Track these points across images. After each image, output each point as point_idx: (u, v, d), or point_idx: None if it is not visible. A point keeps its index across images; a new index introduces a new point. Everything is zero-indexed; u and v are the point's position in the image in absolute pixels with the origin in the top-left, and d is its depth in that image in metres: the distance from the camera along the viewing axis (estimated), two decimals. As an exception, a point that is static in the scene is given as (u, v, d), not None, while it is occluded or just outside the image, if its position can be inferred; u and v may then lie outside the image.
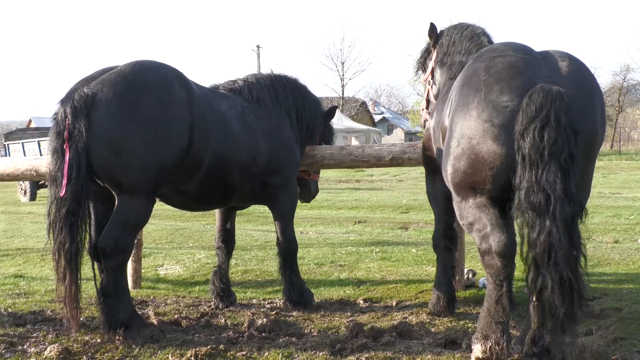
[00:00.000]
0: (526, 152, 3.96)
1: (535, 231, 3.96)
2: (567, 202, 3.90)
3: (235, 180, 5.91)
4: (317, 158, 7.07)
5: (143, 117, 5.01)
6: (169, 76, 5.31)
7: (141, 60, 5.31)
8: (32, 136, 27.22)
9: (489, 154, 4.20)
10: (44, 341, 5.16)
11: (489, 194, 4.35)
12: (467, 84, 4.43)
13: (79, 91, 4.94)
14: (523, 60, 4.31)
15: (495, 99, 4.18)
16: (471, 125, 4.27)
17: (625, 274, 7.55)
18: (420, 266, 8.33)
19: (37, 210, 18.08)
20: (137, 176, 5.06)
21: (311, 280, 7.59)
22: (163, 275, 7.99)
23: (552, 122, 3.92)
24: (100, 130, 4.91)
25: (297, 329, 5.48)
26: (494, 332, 4.35)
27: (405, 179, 28.22)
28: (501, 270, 4.34)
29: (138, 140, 4.99)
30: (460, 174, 4.42)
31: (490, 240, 4.35)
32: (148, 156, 5.05)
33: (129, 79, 5.07)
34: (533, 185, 3.94)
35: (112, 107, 4.94)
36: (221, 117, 5.73)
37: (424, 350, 4.80)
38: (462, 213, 4.58)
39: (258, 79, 6.51)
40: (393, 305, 6.35)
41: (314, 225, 13.56)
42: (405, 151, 6.95)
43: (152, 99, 5.07)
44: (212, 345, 4.92)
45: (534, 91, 4.02)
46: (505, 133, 4.11)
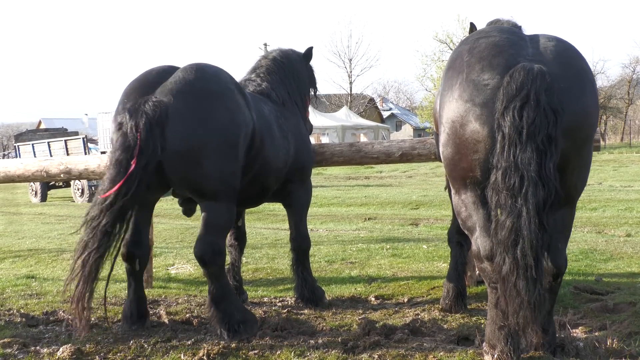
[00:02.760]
0: (506, 131, 3.87)
1: (505, 212, 3.88)
2: (541, 185, 3.80)
3: (272, 182, 5.99)
4: (326, 155, 7.06)
5: (216, 127, 5.01)
6: (229, 82, 5.33)
7: (201, 65, 5.26)
8: (42, 137, 27.35)
9: (472, 135, 4.08)
10: (56, 341, 5.17)
11: (479, 184, 4.19)
12: (452, 67, 4.35)
13: (150, 102, 4.83)
14: (506, 40, 4.21)
15: (476, 77, 4.07)
16: (454, 107, 4.16)
17: (638, 267, 7.50)
18: (432, 262, 8.30)
19: (48, 211, 18.17)
20: (217, 183, 5.10)
21: (322, 277, 7.58)
22: (174, 275, 7.99)
23: (531, 101, 3.84)
24: (178, 145, 4.88)
25: (309, 327, 5.47)
26: (499, 341, 4.28)
27: (414, 175, 28.18)
28: (492, 274, 4.23)
29: (214, 149, 5.00)
30: (449, 161, 4.32)
31: (479, 243, 4.27)
32: (225, 163, 5.09)
33: (197, 88, 5.03)
34: (510, 165, 3.85)
35: (187, 119, 4.91)
36: (267, 122, 5.76)
37: (437, 347, 4.78)
38: (457, 208, 4.50)
39: (272, 75, 6.50)
40: (405, 302, 6.34)
41: (324, 223, 13.55)
42: (415, 147, 6.93)
43: (221, 107, 5.08)
44: (224, 343, 4.92)
45: (515, 70, 3.93)
46: (486, 112, 4.00)
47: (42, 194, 23.16)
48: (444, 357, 4.54)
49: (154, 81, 5.10)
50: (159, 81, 5.08)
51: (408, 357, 4.57)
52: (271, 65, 6.58)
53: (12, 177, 7.37)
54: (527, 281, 3.81)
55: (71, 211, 18.28)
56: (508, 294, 3.92)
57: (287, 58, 6.70)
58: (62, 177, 7.28)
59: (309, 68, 7.01)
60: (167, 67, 5.28)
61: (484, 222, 4.25)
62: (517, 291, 3.85)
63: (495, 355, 4.26)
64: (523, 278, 3.82)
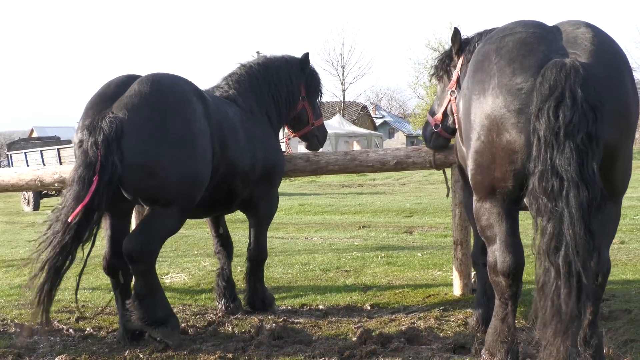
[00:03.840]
0: (541, 133, 3.65)
1: (545, 218, 3.66)
2: (584, 186, 3.57)
3: (239, 186, 6.00)
4: (321, 164, 7.07)
5: (172, 138, 5.06)
6: (187, 91, 5.36)
7: (157, 76, 5.29)
8: (34, 146, 27.21)
9: (508, 145, 3.88)
10: (51, 352, 5.15)
11: (509, 195, 4.04)
12: (480, 69, 4.11)
13: (107, 119, 4.88)
14: (534, 35, 3.99)
15: (509, 82, 3.86)
16: (489, 113, 3.94)
17: (633, 275, 7.52)
18: (427, 270, 8.30)
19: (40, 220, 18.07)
20: (173, 193, 5.16)
21: (317, 286, 7.57)
22: (169, 284, 7.97)
23: (567, 99, 3.62)
24: (134, 159, 4.92)
25: (305, 335, 5.46)
26: (499, 352, 4.26)
27: (408, 183, 28.20)
28: (505, 289, 4.18)
29: (170, 160, 5.06)
30: (483, 169, 4.08)
31: (497, 256, 4.16)
32: (181, 173, 5.13)
33: (152, 102, 5.06)
34: (547, 169, 3.64)
35: (143, 134, 4.96)
36: (231, 124, 5.82)
37: (433, 356, 4.78)
38: (478, 214, 4.30)
39: (240, 84, 6.51)
40: (400, 311, 6.33)
41: (318, 231, 13.54)
42: (410, 155, 6.95)
43: (177, 118, 5.12)
44: (221, 353, 4.91)
45: (547, 68, 3.72)
46: (523, 119, 3.80)
47: (35, 203, 23.07)
48: (440, 366, 4.54)
49: (112, 95, 5.14)
50: (117, 94, 5.12)
51: (405, 366, 4.57)
52: (243, 74, 6.59)
53: (6, 186, 7.36)
54: (569, 290, 3.57)
55: (64, 220, 18.19)
56: (543, 304, 3.68)
57: (266, 67, 6.68)
58: (57, 187, 7.27)
59: (308, 74, 6.96)
60: (125, 79, 5.30)
61: (506, 236, 4.14)
62: (559, 302, 3.60)
63: None
64: (566, 287, 3.57)
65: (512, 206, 4.14)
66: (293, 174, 7.30)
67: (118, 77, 5.37)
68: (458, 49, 5.89)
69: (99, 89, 5.29)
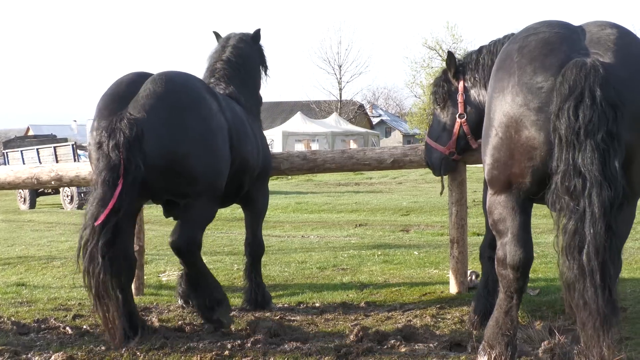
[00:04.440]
0: (562, 133, 3.66)
1: (567, 217, 3.68)
2: (607, 185, 3.57)
3: (246, 180, 6.14)
4: (318, 162, 7.09)
5: (192, 137, 5.14)
6: (200, 89, 5.43)
7: (169, 75, 5.31)
8: (30, 144, 27.18)
9: (527, 142, 3.90)
10: (48, 349, 5.14)
11: (525, 191, 4.07)
12: (502, 68, 4.14)
13: (125, 121, 4.88)
14: (557, 35, 3.99)
15: (529, 80, 3.88)
16: (508, 111, 3.96)
17: (628, 273, 7.55)
18: (423, 269, 8.32)
19: (37, 218, 18.07)
20: (201, 186, 5.30)
21: (314, 284, 7.59)
22: (165, 282, 7.98)
23: (586, 99, 3.62)
24: (157, 161, 4.98)
25: (301, 333, 5.47)
26: (499, 344, 4.28)
27: (404, 182, 28.22)
28: (512, 283, 4.21)
29: (193, 158, 5.16)
30: (501, 165, 4.10)
31: (507, 249, 4.18)
32: (205, 168, 5.25)
33: (167, 103, 5.10)
34: (569, 169, 3.64)
35: (163, 136, 5.02)
36: (240, 120, 5.93)
37: (430, 353, 4.80)
38: (491, 207, 4.31)
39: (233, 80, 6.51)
40: (397, 308, 6.34)
41: (315, 229, 13.55)
42: (407, 154, 6.97)
43: (195, 117, 5.18)
44: (217, 351, 4.91)
45: (567, 68, 3.72)
46: (542, 117, 3.81)
47: (31, 201, 23.03)
48: (436, 363, 4.55)
49: (125, 95, 5.13)
50: (131, 94, 5.12)
51: (401, 364, 4.58)
52: (228, 69, 6.57)
53: (3, 184, 7.36)
54: (595, 289, 3.59)
55: (60, 218, 18.20)
56: (575, 303, 3.71)
57: (242, 57, 6.67)
58: (53, 185, 7.28)
59: (259, 49, 6.96)
60: (135, 77, 5.30)
61: (518, 231, 4.16)
62: (585, 300, 3.63)
63: (493, 355, 4.27)
64: (591, 285, 3.60)
65: (526, 201, 4.17)
66: (290, 172, 7.31)
67: (127, 76, 5.37)
68: (455, 72, 5.92)
69: (110, 89, 5.28)
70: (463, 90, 5.84)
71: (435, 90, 6.14)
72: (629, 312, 5.76)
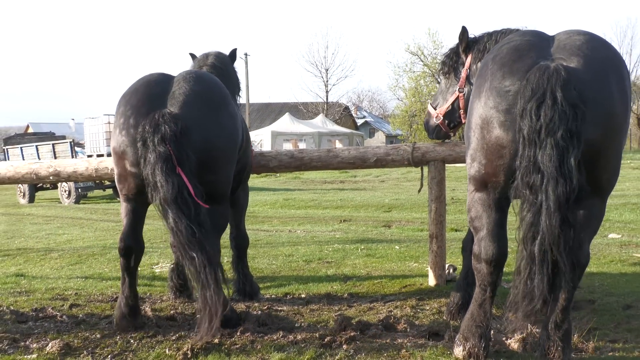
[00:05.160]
0: (525, 131, 3.77)
1: (526, 209, 3.80)
2: (562, 180, 3.67)
3: (240, 178, 6.21)
4: (305, 160, 7.09)
5: (226, 133, 5.13)
6: (223, 88, 5.40)
7: (199, 75, 5.26)
8: (30, 141, 27.01)
9: (497, 141, 4.00)
10: (45, 337, 5.12)
11: (499, 189, 4.13)
12: (479, 75, 4.27)
13: (167, 115, 4.77)
14: (527, 43, 4.09)
15: (498, 84, 3.99)
16: (481, 114, 4.08)
17: (596, 268, 7.60)
18: (404, 262, 8.34)
19: (36, 212, 17.96)
20: (225, 188, 5.25)
21: (300, 276, 7.59)
22: (158, 273, 7.95)
23: (548, 99, 3.72)
24: (199, 153, 4.87)
25: (288, 322, 5.47)
26: (473, 336, 4.32)
27: (387, 180, 28.24)
28: (486, 277, 4.25)
29: (225, 156, 5.14)
30: (477, 164, 4.19)
31: (482, 245, 4.23)
32: (231, 168, 5.27)
33: (205, 98, 5.07)
34: (530, 165, 3.76)
35: (206, 130, 4.94)
36: (243, 120, 5.92)
37: (409, 342, 4.81)
38: (469, 205, 4.39)
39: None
40: (378, 300, 6.35)
41: (302, 224, 13.55)
42: (389, 153, 6.99)
43: (227, 114, 5.17)
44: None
45: (531, 72, 3.83)
46: (510, 118, 3.91)
47: (30, 196, 22.89)
48: (415, 352, 4.56)
49: (159, 93, 5.03)
50: (163, 92, 5.03)
51: (382, 352, 4.59)
52: (217, 74, 6.48)
53: (3, 179, 7.31)
54: (542, 276, 3.75)
55: (58, 212, 18.09)
56: (521, 287, 3.85)
57: (224, 64, 6.65)
58: (52, 180, 7.24)
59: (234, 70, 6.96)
60: (161, 77, 5.22)
61: (494, 227, 4.21)
62: (531, 286, 3.79)
63: (468, 347, 4.30)
64: (539, 273, 3.75)
65: (502, 200, 4.21)
66: (278, 170, 7.30)
67: (153, 76, 5.26)
68: (465, 47, 5.84)
69: (138, 88, 5.15)
70: (469, 66, 5.80)
71: (444, 60, 6.11)
72: (597, 304, 5.80)
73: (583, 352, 4.53)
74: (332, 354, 4.58)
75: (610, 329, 5.06)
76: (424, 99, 51.56)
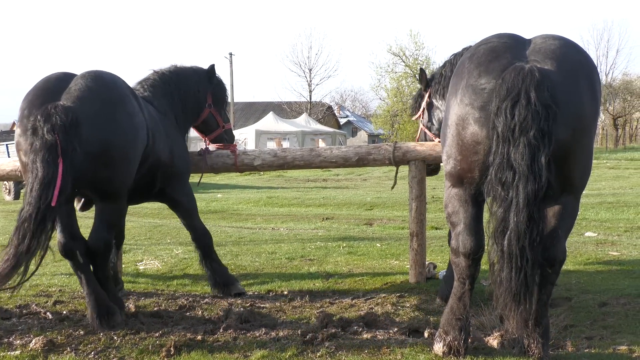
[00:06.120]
0: (500, 129, 3.83)
1: (498, 205, 3.88)
2: (532, 178, 3.75)
3: (158, 178, 6.12)
4: (288, 159, 7.07)
5: (121, 130, 5.12)
6: (125, 87, 5.47)
7: (98, 73, 5.31)
8: (15, 138, 26.76)
9: (472, 137, 4.06)
10: (29, 334, 5.07)
11: (475, 185, 4.18)
12: (456, 74, 4.34)
13: (59, 107, 4.81)
14: (504, 45, 4.16)
15: (474, 82, 4.05)
16: (457, 111, 4.13)
17: (573, 266, 7.65)
18: (385, 260, 8.34)
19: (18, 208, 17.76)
20: (119, 184, 5.25)
21: (283, 273, 7.57)
22: (142, 270, 7.90)
23: (522, 99, 3.79)
24: (90, 147, 4.90)
25: (270, 319, 5.46)
26: (453, 329, 4.33)
27: (369, 178, 28.29)
28: (465, 270, 4.29)
29: (120, 152, 5.13)
30: (453, 160, 4.25)
31: (460, 239, 4.28)
32: (127, 165, 5.26)
33: (101, 96, 5.10)
34: (503, 162, 3.82)
35: (97, 124, 4.97)
36: (155, 120, 5.95)
37: (389, 339, 4.82)
38: (446, 201, 4.44)
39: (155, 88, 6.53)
40: (360, 297, 6.35)
41: (285, 222, 13.53)
42: (371, 152, 7.00)
43: (123, 112, 5.18)
44: (191, 335, 4.89)
45: (507, 72, 3.91)
46: (484, 115, 3.97)
47: (16, 192, 22.66)
48: (395, 348, 4.57)
49: (56, 89, 5.09)
50: (61, 88, 5.08)
51: (363, 348, 4.59)
52: (157, 79, 6.62)
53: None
54: (510, 269, 3.82)
55: (43, 209, 17.90)
56: (494, 281, 3.95)
57: (177, 74, 6.72)
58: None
59: (215, 84, 7.00)
60: (63, 75, 5.27)
61: (470, 221, 4.27)
62: (501, 279, 3.87)
63: (448, 340, 4.31)
64: (507, 266, 3.83)
65: (478, 195, 4.25)
66: (262, 169, 7.28)
67: (55, 74, 5.33)
68: (425, 86, 6.34)
69: (39, 84, 5.21)
70: (428, 98, 6.30)
71: (412, 103, 6.76)
72: (574, 302, 5.83)
73: (560, 348, 4.56)
74: (314, 351, 4.57)
75: (586, 326, 5.10)
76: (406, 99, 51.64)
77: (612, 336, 4.83)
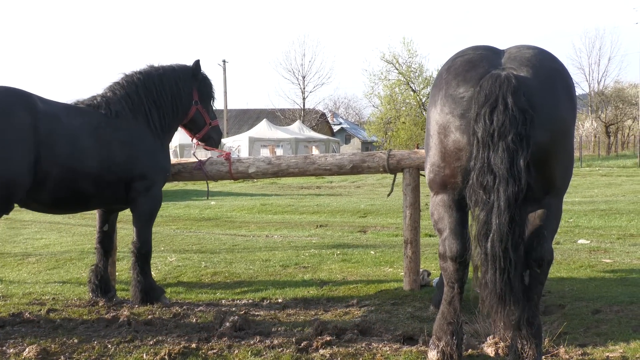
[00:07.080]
0: (479, 135, 3.92)
1: (480, 208, 3.95)
2: (512, 181, 3.84)
3: (87, 187, 6.03)
4: (282, 167, 7.09)
5: None
6: (10, 103, 5.54)
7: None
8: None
9: (454, 145, 4.14)
10: (22, 342, 5.05)
11: (458, 190, 4.24)
12: (435, 85, 4.43)
13: None
14: (480, 56, 4.28)
15: (453, 92, 4.14)
16: (438, 120, 4.22)
17: (567, 273, 7.67)
18: (379, 267, 8.35)
19: (13, 216, 17.66)
20: None
21: (277, 281, 7.57)
22: (136, 278, 7.86)
23: (500, 105, 3.88)
24: None
25: (264, 327, 5.45)
26: (445, 334, 4.35)
27: (362, 185, 28.31)
28: (453, 274, 4.33)
29: None
30: (436, 168, 4.32)
31: (446, 244, 4.32)
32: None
33: None
34: (484, 166, 3.90)
35: None
36: (70, 133, 5.87)
37: (384, 346, 4.82)
38: (432, 209, 4.50)
39: (115, 92, 6.46)
40: (354, 304, 6.35)
41: (279, 230, 13.52)
42: (365, 160, 7.01)
43: None
44: (185, 343, 4.87)
45: (484, 79, 4.00)
46: (465, 122, 4.07)
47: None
48: (390, 356, 4.57)
49: None
50: None
51: (357, 356, 4.59)
52: (120, 82, 6.55)
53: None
54: (494, 271, 3.88)
55: (35, 216, 17.79)
56: (479, 283, 4.00)
57: (147, 74, 6.62)
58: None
59: (200, 80, 6.93)
60: None
61: (455, 226, 4.31)
62: (486, 281, 3.92)
63: (441, 346, 4.33)
64: (491, 268, 3.88)
65: (461, 200, 4.30)
66: (256, 176, 7.29)
67: None
68: None
69: None
70: None
71: None
72: (567, 309, 5.85)
73: (554, 356, 4.57)
74: (309, 358, 4.57)
75: (579, 333, 5.11)
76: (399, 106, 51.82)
77: (606, 343, 4.84)
